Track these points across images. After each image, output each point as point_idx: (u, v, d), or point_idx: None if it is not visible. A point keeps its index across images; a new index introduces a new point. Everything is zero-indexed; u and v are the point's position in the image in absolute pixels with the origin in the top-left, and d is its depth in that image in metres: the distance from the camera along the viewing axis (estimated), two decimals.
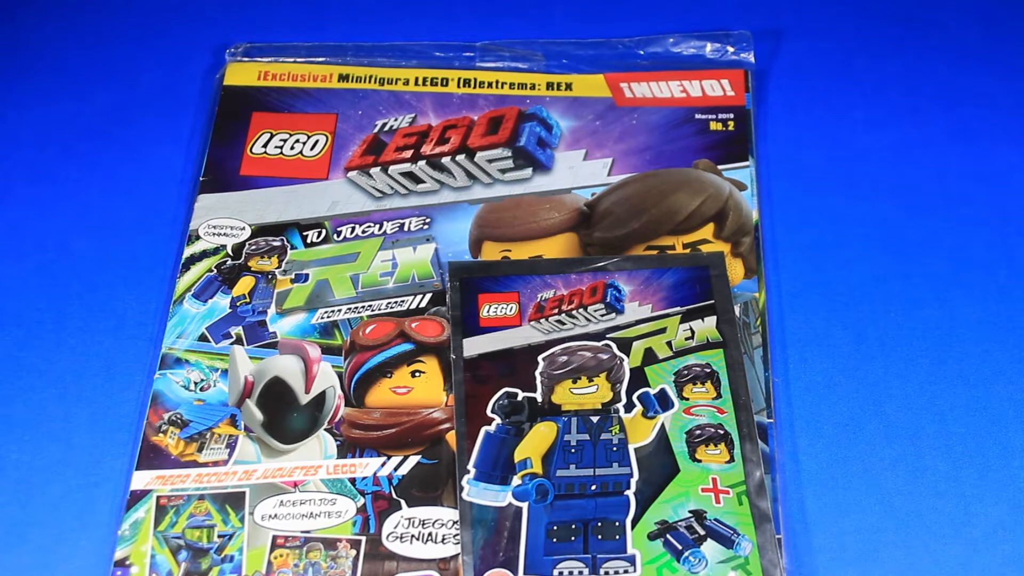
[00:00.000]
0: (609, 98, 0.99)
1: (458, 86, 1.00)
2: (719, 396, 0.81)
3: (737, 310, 0.85)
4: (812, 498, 0.80)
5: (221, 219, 0.93)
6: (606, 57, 1.02)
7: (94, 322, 0.89)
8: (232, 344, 0.86)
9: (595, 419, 0.79)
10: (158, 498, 0.79)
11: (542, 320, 0.84)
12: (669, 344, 0.83)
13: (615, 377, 0.81)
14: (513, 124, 0.97)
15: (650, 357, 0.83)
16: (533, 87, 1.00)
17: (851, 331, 0.87)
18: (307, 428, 0.83)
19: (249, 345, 0.87)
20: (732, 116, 0.97)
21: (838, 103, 1.00)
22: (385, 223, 0.93)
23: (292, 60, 1.02)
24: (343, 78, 1.01)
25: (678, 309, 0.85)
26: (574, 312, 0.84)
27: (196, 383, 0.84)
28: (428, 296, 0.89)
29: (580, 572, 0.75)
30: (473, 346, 0.83)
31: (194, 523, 0.78)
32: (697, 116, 0.97)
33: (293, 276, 0.90)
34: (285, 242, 0.92)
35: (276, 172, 0.96)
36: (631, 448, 0.79)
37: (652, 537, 0.76)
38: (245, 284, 0.90)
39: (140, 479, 0.80)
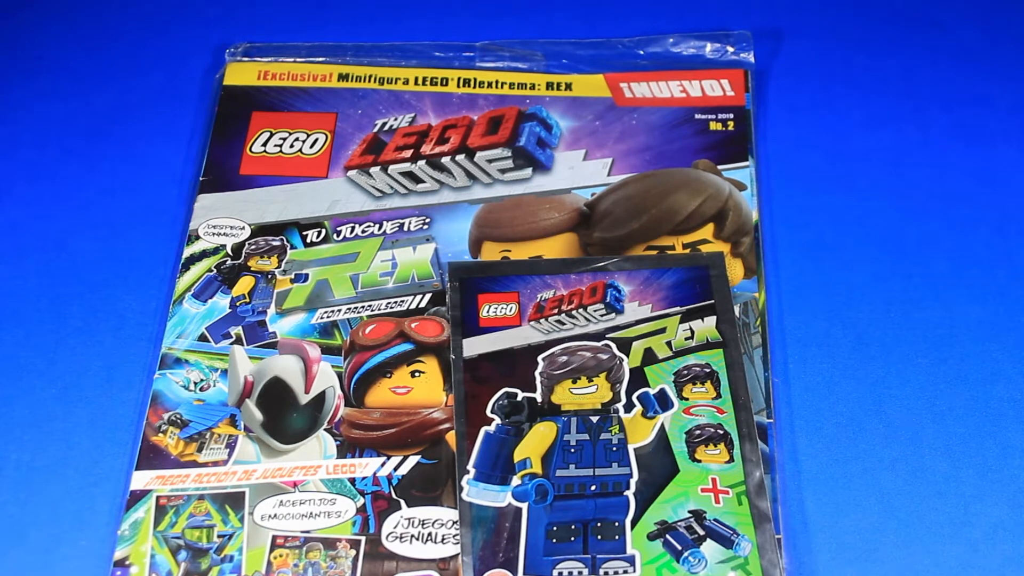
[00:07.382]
0: (609, 98, 0.99)
1: (458, 86, 1.00)
2: (719, 396, 0.81)
3: (737, 310, 0.85)
4: (812, 498, 0.80)
5: (221, 219, 0.93)
6: (606, 57, 1.02)
7: (94, 322, 0.89)
8: (232, 344, 0.86)
9: (595, 419, 0.79)
10: (158, 498, 0.79)
11: (542, 320, 0.84)
12: (669, 344, 0.83)
13: (615, 377, 0.81)
14: (513, 124, 0.97)
15: (650, 357, 0.83)
16: (533, 87, 1.00)
17: (851, 331, 0.87)
18: (307, 428, 0.83)
19: (249, 345, 0.87)
20: (732, 116, 0.97)
21: (838, 103, 1.00)
22: (385, 223, 0.93)
23: (292, 60, 1.02)
24: (343, 77, 1.01)
25: (678, 309, 0.85)
26: (574, 312, 0.84)
27: (196, 383, 0.84)
28: (428, 296, 0.88)
29: (580, 572, 0.75)
30: (473, 346, 0.83)
31: (194, 523, 0.78)
32: (697, 116, 0.97)
33: (293, 276, 0.90)
34: (285, 242, 0.92)
35: (276, 170, 0.96)
36: (631, 448, 0.79)
37: (652, 537, 0.76)
38: (245, 284, 0.90)
39: (140, 479, 0.80)
